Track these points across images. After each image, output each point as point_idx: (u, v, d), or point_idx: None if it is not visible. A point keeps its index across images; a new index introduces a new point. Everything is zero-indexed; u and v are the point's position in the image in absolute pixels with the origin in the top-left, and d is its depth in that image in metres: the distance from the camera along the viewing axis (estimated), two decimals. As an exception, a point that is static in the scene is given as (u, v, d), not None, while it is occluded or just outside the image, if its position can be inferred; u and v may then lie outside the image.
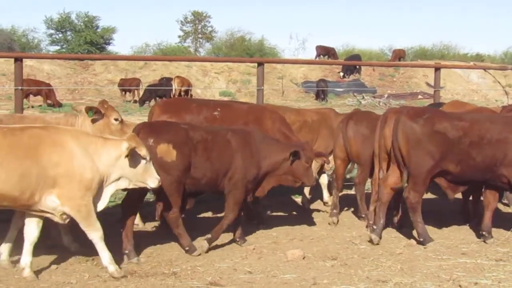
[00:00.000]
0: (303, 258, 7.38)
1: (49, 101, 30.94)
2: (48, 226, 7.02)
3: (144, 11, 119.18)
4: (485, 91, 44.94)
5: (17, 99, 9.49)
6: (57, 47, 55.37)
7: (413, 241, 8.17)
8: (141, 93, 34.83)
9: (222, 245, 7.91)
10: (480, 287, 6.42)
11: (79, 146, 6.41)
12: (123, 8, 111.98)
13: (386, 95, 39.45)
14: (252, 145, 7.79)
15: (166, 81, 36.79)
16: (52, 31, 56.41)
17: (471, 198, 9.22)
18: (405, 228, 8.66)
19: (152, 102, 34.18)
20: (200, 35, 63.91)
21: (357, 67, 45.42)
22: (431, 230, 8.74)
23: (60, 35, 56.13)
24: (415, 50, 62.42)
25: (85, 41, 53.17)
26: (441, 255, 7.60)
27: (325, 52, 49.86)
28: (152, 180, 6.73)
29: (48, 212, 6.47)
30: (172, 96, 34.69)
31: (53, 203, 6.37)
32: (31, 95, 30.75)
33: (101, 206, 6.70)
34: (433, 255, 7.58)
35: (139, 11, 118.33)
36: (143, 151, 6.60)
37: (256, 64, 38.22)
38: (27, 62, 40.36)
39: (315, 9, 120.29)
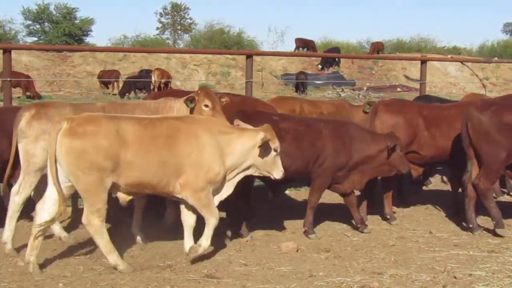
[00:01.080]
0: (297, 251, 7.40)
1: (28, 93, 30.63)
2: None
3: (122, 2, 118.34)
4: (462, 84, 45.18)
5: (6, 90, 9.43)
6: (35, 39, 54.84)
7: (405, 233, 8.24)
8: (121, 85, 34.62)
9: (216, 238, 7.89)
10: (475, 279, 6.46)
11: (212, 138, 6.74)
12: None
13: (365, 88, 39.49)
14: (345, 136, 8.05)
15: (145, 73, 36.57)
16: (30, 22, 55.85)
17: (460, 190, 9.25)
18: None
19: (132, 95, 34.08)
20: (179, 27, 63.69)
21: (336, 59, 45.46)
22: (420, 223, 8.84)
23: (38, 26, 55.56)
24: (393, 43, 62.60)
25: (63, 32, 52.67)
26: (434, 247, 7.66)
27: (304, 44, 49.81)
28: (278, 172, 7.06)
29: (179, 199, 6.85)
30: (152, 88, 34.53)
31: (177, 190, 6.69)
32: (10, 87, 30.49)
33: (227, 193, 7.01)
34: (425, 247, 7.64)
35: (117, 2, 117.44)
36: (276, 143, 6.90)
37: (235, 57, 37.96)
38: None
39: (293, 2, 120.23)
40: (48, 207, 6.43)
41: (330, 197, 10.28)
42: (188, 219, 7.04)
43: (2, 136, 7.62)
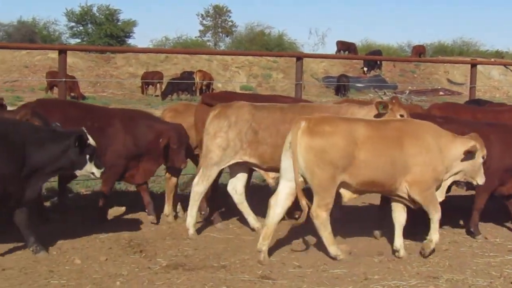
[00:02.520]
0: (350, 253, 7.38)
1: (72, 94, 30.97)
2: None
3: (164, 4, 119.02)
4: (506, 88, 44.67)
5: (61, 90, 9.58)
6: (78, 40, 55.50)
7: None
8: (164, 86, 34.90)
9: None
10: (533, 285, 6.39)
11: (433, 139, 7.11)
12: (143, 1, 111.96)
13: (407, 91, 39.26)
14: (509, 138, 8.11)
15: (188, 75, 36.84)
16: (73, 24, 56.59)
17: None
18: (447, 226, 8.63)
19: (174, 96, 34.31)
20: (220, 30, 63.85)
21: (378, 62, 45.27)
22: (472, 227, 8.73)
23: (81, 27, 56.26)
24: (434, 46, 62.01)
25: (106, 34, 53.24)
26: (488, 252, 7.59)
27: (346, 47, 49.67)
28: (481, 178, 7.39)
29: (402, 197, 7.21)
30: (194, 89, 34.77)
31: (405, 189, 7.08)
32: (55, 87, 31.02)
33: (439, 197, 7.31)
34: (479, 252, 7.57)
35: (159, 4, 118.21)
36: (484, 151, 7.25)
37: (276, 59, 37.93)
38: (49, 54, 40.62)
39: (334, 4, 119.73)
40: (281, 202, 6.97)
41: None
42: (399, 217, 7.35)
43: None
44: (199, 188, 7.89)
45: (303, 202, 6.84)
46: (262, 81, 41.48)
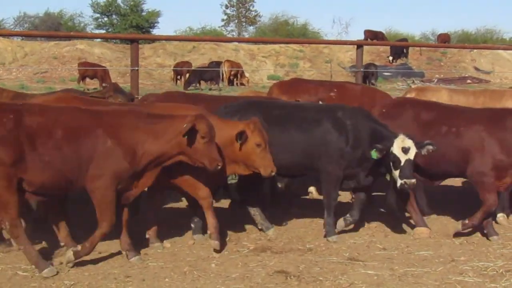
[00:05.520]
0: (429, 237, 7.49)
1: (104, 84, 31.20)
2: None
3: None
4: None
5: (133, 79, 9.77)
6: (103, 31, 55.72)
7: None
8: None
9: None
10: None
11: None
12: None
13: (435, 80, 39.17)
14: None
15: (215, 65, 36.92)
16: (98, 15, 56.92)
17: None
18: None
19: (203, 86, 34.36)
20: (243, 19, 63.88)
21: (404, 51, 45.11)
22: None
23: (106, 19, 56.56)
24: (458, 35, 61.81)
25: (131, 24, 53.45)
26: None
27: (373, 36, 49.42)
28: None
29: None
30: (221, 79, 34.82)
31: None
32: (87, 78, 31.35)
33: None
34: (560, 235, 7.66)
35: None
36: None
37: (302, 48, 37.48)
38: (77, 46, 40.89)
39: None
40: None
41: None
42: None
43: None
44: None
45: None
46: (289, 70, 41.50)
